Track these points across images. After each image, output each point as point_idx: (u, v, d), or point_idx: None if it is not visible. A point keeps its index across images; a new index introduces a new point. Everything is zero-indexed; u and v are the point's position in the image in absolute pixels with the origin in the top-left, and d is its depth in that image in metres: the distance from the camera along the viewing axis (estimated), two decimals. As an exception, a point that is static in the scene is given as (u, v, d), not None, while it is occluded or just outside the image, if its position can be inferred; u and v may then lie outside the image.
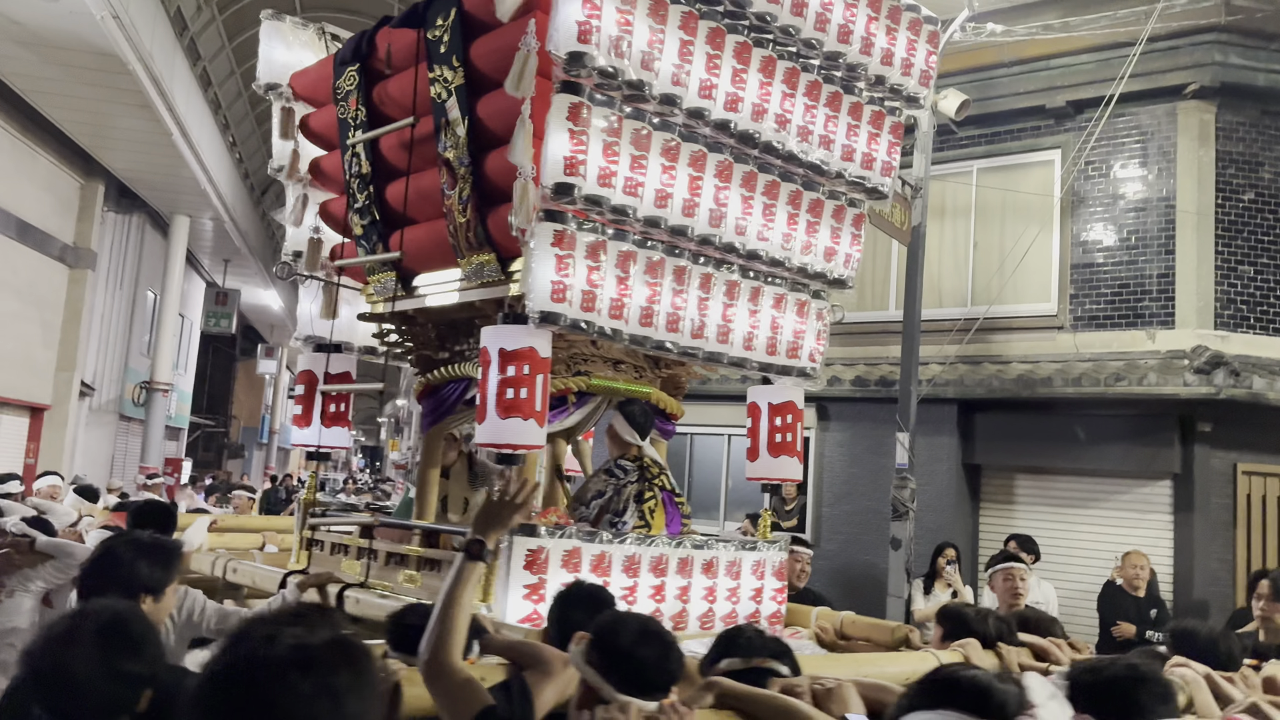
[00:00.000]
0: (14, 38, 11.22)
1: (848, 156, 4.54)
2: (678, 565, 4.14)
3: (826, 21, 4.26)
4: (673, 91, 3.85)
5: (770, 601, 4.52)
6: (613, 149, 3.73)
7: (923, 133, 10.69)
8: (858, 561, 11.82)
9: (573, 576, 3.83)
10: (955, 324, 11.50)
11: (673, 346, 4.15)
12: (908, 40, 4.61)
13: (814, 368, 4.78)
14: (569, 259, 3.74)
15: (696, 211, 4.07)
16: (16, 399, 14.51)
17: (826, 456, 12.24)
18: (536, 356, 3.78)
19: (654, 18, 3.74)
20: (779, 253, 4.43)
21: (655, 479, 4.39)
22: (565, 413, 4.37)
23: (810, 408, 12.10)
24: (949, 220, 12.27)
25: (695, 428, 12.81)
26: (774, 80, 4.19)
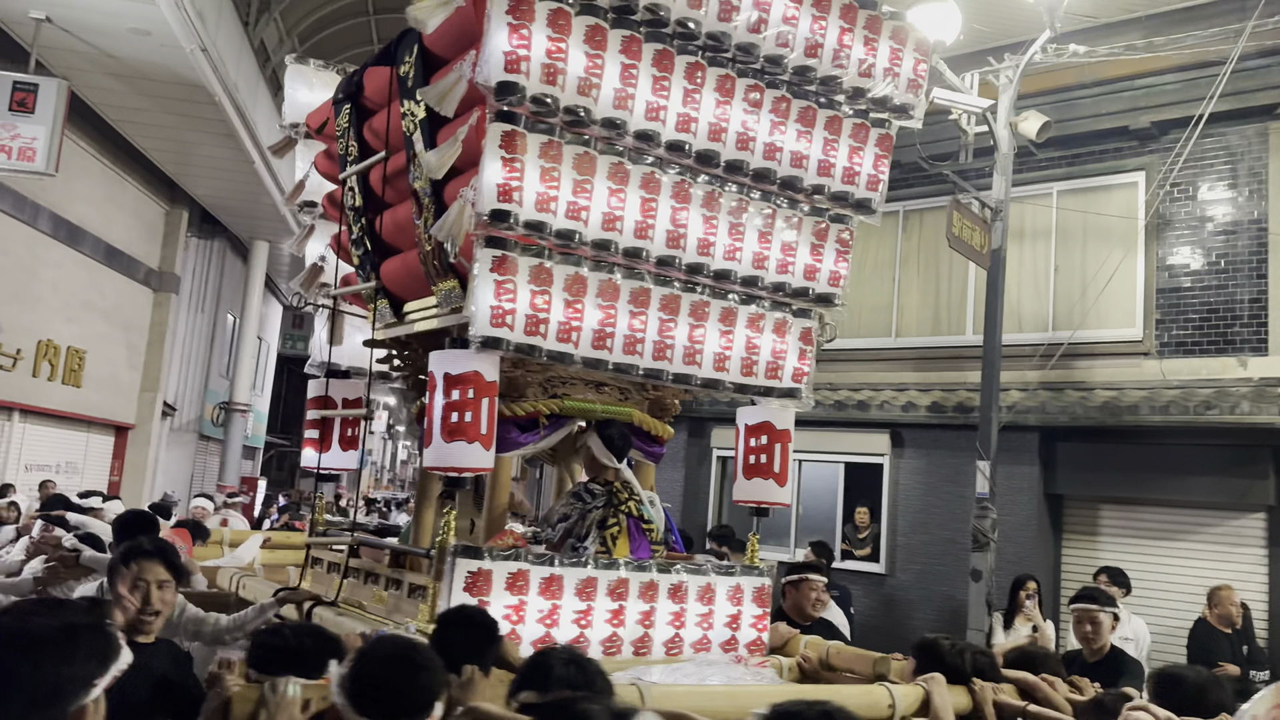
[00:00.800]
0: (107, 70, 11.87)
1: (825, 171, 4.41)
2: (640, 590, 4.04)
3: (790, 37, 4.16)
4: (616, 115, 3.82)
5: (749, 629, 4.35)
6: (551, 175, 3.71)
7: (1002, 155, 10.37)
8: (935, 593, 11.44)
9: (518, 599, 3.80)
10: (1036, 349, 11.10)
11: (634, 369, 4.09)
12: (890, 50, 4.46)
13: (798, 388, 4.60)
14: (509, 284, 3.73)
15: (651, 233, 4.01)
16: (104, 418, 15.22)
17: (901, 484, 11.89)
18: (481, 380, 3.77)
19: (590, 44, 3.72)
20: (751, 272, 4.33)
21: (622, 505, 4.31)
22: (537, 435, 4.34)
23: (884, 434, 11.85)
24: (1029, 243, 11.85)
25: None
26: (733, 99, 4.11)
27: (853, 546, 12.07)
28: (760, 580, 4.42)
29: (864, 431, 11.99)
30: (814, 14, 4.21)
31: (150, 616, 3.27)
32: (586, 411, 4.46)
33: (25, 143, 10.51)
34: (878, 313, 12.82)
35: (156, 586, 3.30)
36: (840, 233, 4.56)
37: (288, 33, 17.31)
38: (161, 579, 3.32)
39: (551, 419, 4.38)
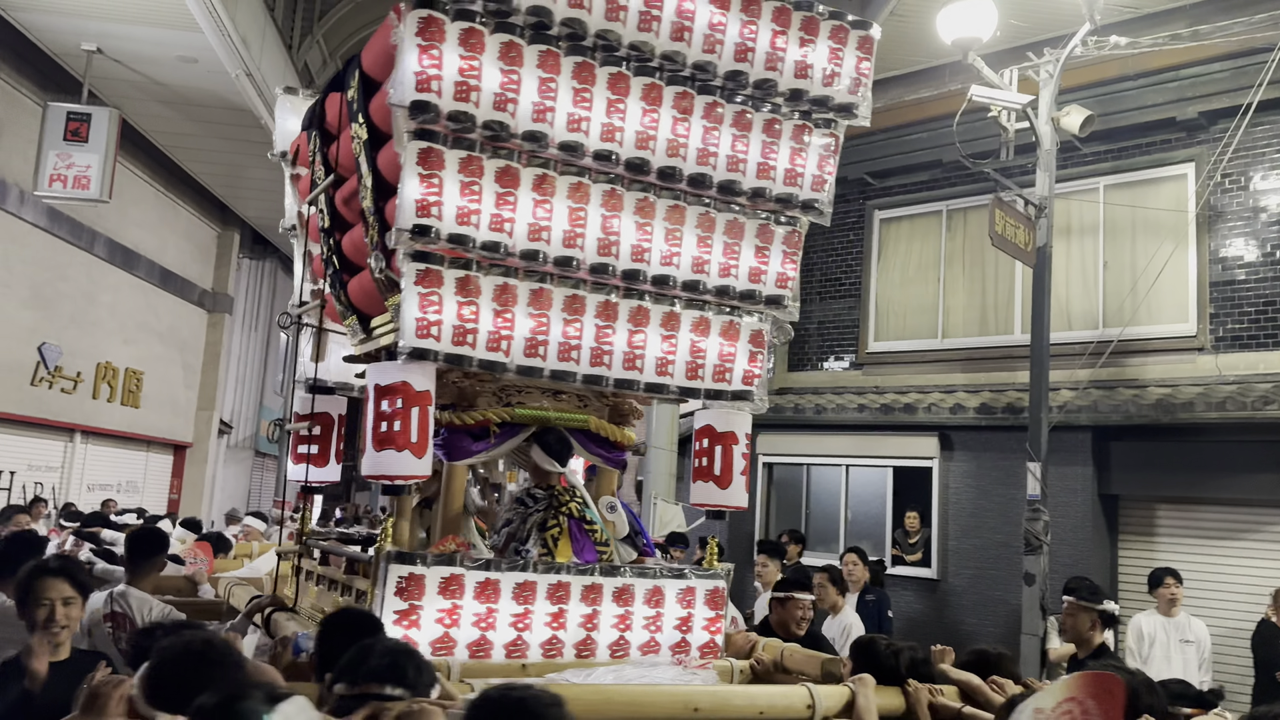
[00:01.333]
0: (157, 97, 12.41)
1: (764, 174, 4.37)
2: (582, 593, 4.07)
3: (718, 43, 4.15)
4: (536, 129, 3.87)
5: (701, 631, 4.33)
6: (471, 189, 3.79)
7: (1045, 150, 10.14)
8: (988, 598, 11.19)
9: (451, 603, 3.86)
10: (1086, 347, 10.80)
11: (571, 375, 4.13)
12: (829, 50, 4.40)
13: (749, 390, 4.57)
14: (434, 296, 3.82)
15: (582, 242, 4.05)
16: (162, 437, 15.78)
17: (951, 488, 11.66)
18: (411, 391, 3.86)
19: (505, 61, 3.79)
20: (691, 276, 4.32)
21: (563, 507, 4.34)
22: (488, 444, 4.40)
23: (932, 437, 11.65)
24: (1076, 240, 11.53)
25: (811, 458, 12.72)
26: (661, 107, 4.12)
27: (903, 551, 11.87)
28: (714, 583, 4.39)
29: (912, 435, 11.80)
30: (743, 19, 4.20)
31: (57, 631, 3.43)
32: (539, 419, 4.51)
33: (80, 171, 11.09)
34: (923, 314, 12.63)
35: (61, 603, 3.47)
36: (787, 235, 4.51)
37: (330, 54, 17.86)
38: (66, 595, 3.49)
39: (503, 427, 4.44)
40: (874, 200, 13.05)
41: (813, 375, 13.27)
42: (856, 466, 12.44)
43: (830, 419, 12.22)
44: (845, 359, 13.06)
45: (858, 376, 12.87)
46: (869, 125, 4.60)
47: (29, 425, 13.05)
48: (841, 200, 13.10)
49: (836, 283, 13.24)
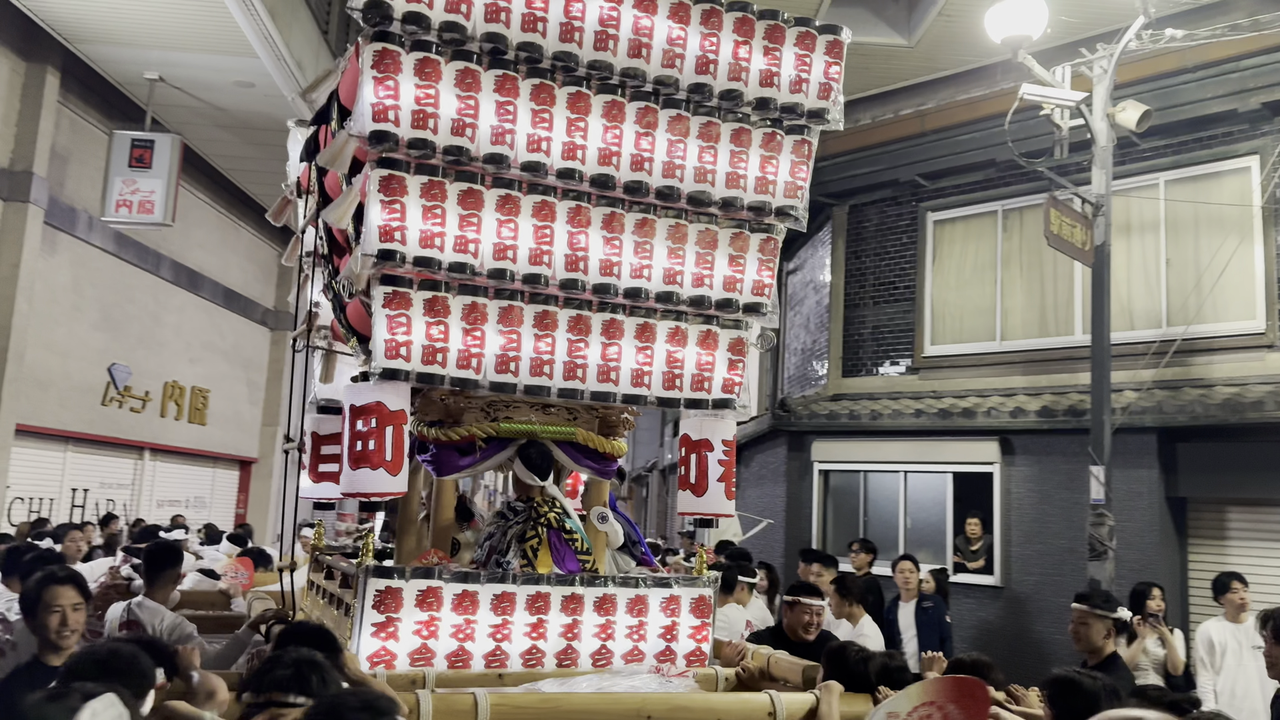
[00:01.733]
0: (217, 123, 12.89)
1: (734, 184, 4.40)
2: (562, 603, 4.14)
3: (678, 57, 4.21)
4: (497, 151, 3.98)
5: (687, 640, 4.34)
6: (434, 212, 3.92)
7: (1100, 147, 9.91)
8: (1053, 604, 10.91)
9: (429, 615, 3.97)
10: (1150, 347, 10.49)
11: (545, 390, 4.22)
12: (795, 57, 4.42)
13: (730, 398, 4.59)
14: (402, 318, 3.96)
15: (549, 259, 4.14)
16: (228, 453, 16.26)
17: (1013, 493, 11.40)
18: (384, 410, 4.01)
19: (462, 87, 3.92)
20: (664, 288, 4.37)
21: (541, 518, 4.42)
22: (474, 459, 4.51)
23: (993, 441, 11.42)
24: (1136, 237, 11.20)
25: (868, 465, 12.55)
26: (623, 123, 4.19)
27: (965, 559, 11.61)
28: (699, 591, 4.41)
29: (971, 440, 11.53)
30: (703, 31, 4.24)
31: (68, 634, 3.63)
32: (525, 432, 4.60)
33: (145, 196, 11.62)
34: (980, 316, 12.34)
35: (71, 609, 3.69)
36: (762, 243, 4.52)
37: None
38: (74, 602, 3.70)
39: (489, 442, 4.54)
40: (927, 202, 12.81)
41: (868, 381, 13.09)
42: (915, 473, 12.23)
43: (887, 425, 12.02)
44: (901, 363, 12.87)
45: (914, 381, 12.65)
46: (841, 129, 4.60)
47: (101, 444, 13.55)
48: (893, 203, 13.08)
49: (890, 287, 13.07)
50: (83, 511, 13.12)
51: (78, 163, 12.78)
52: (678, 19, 4.21)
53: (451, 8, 3.87)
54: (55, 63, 11.84)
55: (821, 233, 14.26)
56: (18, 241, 11.33)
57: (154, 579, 5.17)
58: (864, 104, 13.13)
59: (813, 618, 5.38)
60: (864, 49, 11.43)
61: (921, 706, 2.42)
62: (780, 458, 13.22)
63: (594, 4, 4.09)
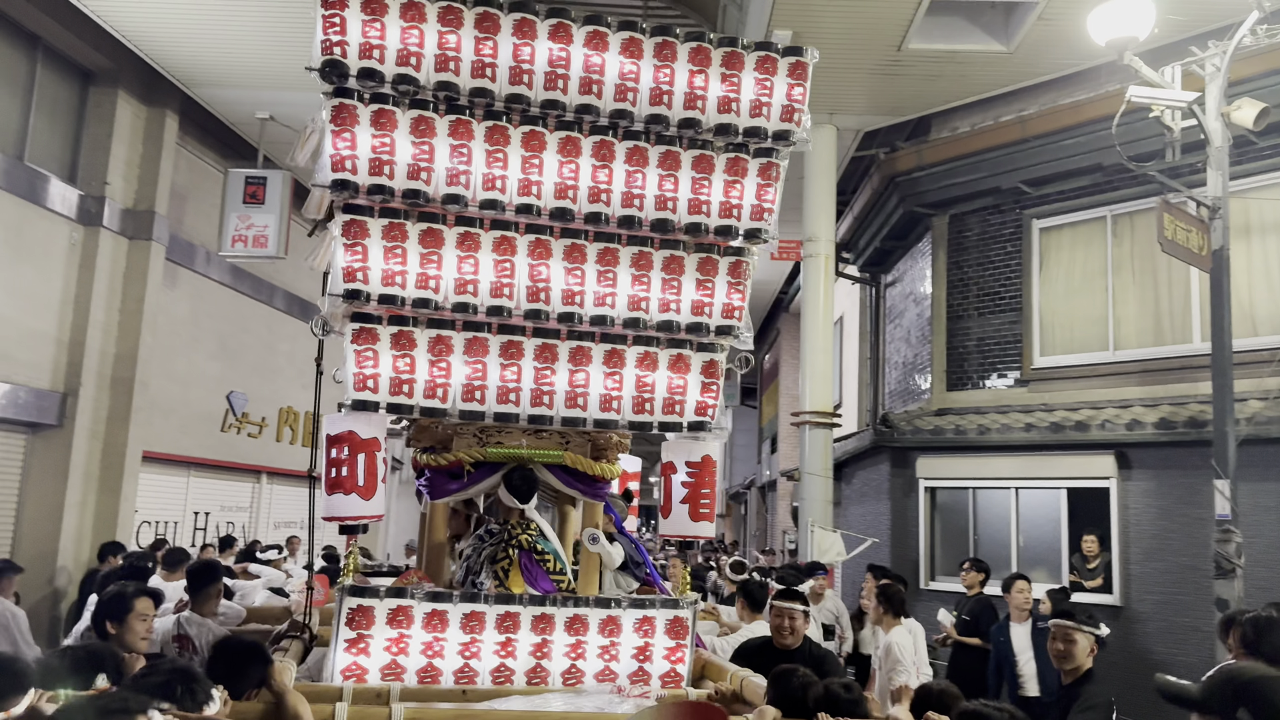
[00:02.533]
0: None
1: (696, 210, 4.50)
2: (532, 622, 4.31)
3: (631, 90, 4.34)
4: (453, 191, 4.23)
5: (661, 661, 4.41)
6: (394, 252, 4.19)
7: (1216, 148, 9.45)
8: (1176, 624, 10.40)
9: (398, 633, 4.22)
10: (1276, 354, 9.91)
11: (514, 417, 4.42)
12: (755, 81, 4.48)
13: (704, 421, 4.65)
14: (369, 352, 4.25)
15: (511, 290, 4.35)
16: None
17: (1131, 509, 10.86)
18: (356, 439, 4.31)
19: (416, 134, 4.18)
20: (629, 315, 4.49)
21: (513, 540, 4.59)
22: (463, 483, 4.76)
23: (1108, 456, 10.97)
24: (1258, 239, 10.54)
25: (976, 481, 12.16)
26: (580, 157, 4.35)
27: (1081, 577, 10.99)
28: (674, 613, 4.49)
29: (1086, 454, 11.00)
30: (656, 64, 4.37)
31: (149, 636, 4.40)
32: (513, 457, 4.80)
33: (259, 231, 12.40)
34: (1092, 325, 11.75)
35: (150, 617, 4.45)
36: (731, 266, 4.58)
37: None
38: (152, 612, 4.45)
39: (479, 467, 4.77)
40: (1031, 209, 12.34)
41: (974, 394, 12.68)
42: (1027, 489, 11.71)
43: (995, 440, 11.58)
44: (1009, 376, 12.41)
45: (1023, 394, 12.17)
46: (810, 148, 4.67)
47: (221, 469, 14.27)
48: (996, 211, 12.66)
49: (995, 297, 12.64)
50: (204, 534, 13.89)
51: (195, 200, 13.62)
52: (629, 54, 4.35)
53: (403, 61, 4.15)
54: (174, 106, 12.67)
55: (921, 244, 13.94)
56: (142, 277, 12.14)
57: (196, 594, 5.65)
58: (962, 111, 12.77)
59: (792, 622, 5.27)
60: (961, 57, 11.22)
61: None
62: (883, 475, 12.95)
63: (543, 46, 4.28)
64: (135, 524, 12.19)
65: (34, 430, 11.26)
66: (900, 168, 13.20)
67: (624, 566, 5.29)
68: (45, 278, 11.28)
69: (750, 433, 31.28)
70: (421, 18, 4.17)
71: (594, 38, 4.33)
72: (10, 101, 11.14)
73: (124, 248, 12.18)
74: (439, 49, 4.20)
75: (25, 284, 10.92)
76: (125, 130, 12.23)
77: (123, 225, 12.14)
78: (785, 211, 14.35)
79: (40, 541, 11.02)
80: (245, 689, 3.42)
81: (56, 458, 11.28)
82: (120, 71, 12.01)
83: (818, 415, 11.91)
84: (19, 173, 10.87)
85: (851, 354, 17.08)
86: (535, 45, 4.27)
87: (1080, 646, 4.72)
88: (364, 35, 4.14)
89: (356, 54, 4.14)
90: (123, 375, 12.03)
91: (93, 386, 11.66)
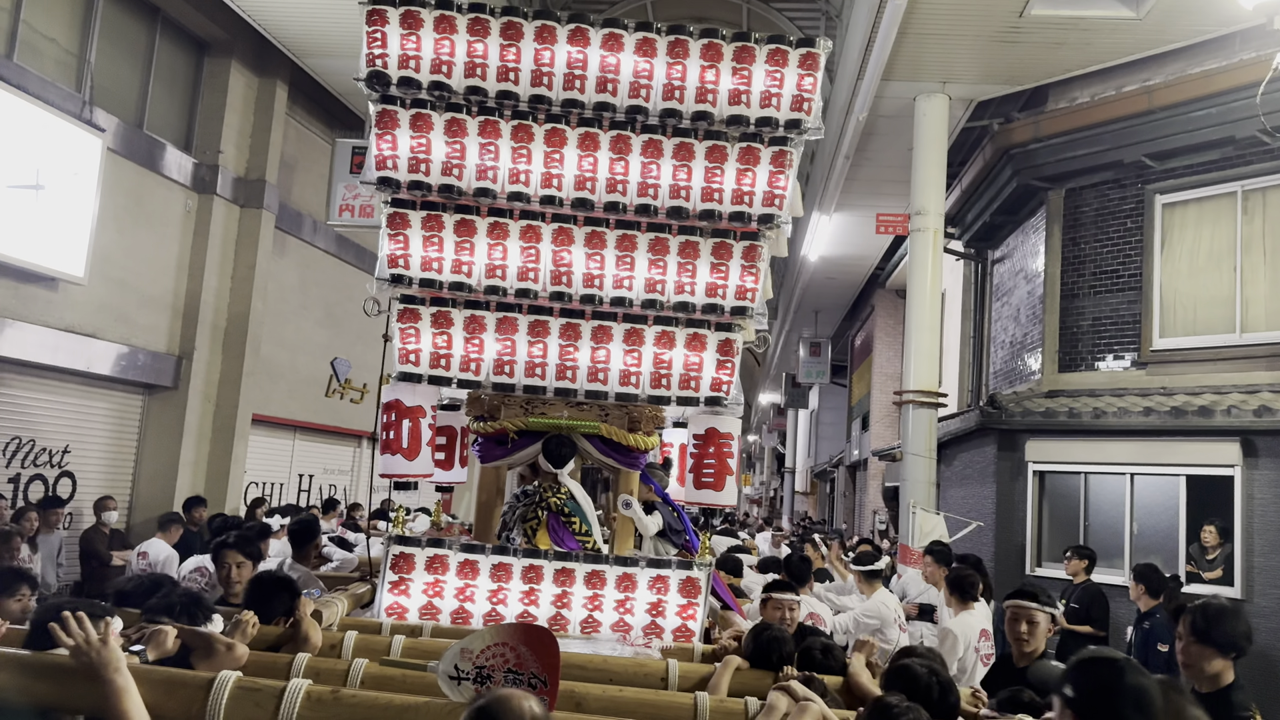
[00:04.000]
0: None
1: (709, 197, 4.98)
2: (554, 575, 4.98)
3: (644, 88, 4.87)
4: (482, 185, 4.87)
5: (674, 616, 4.93)
6: (431, 241, 4.91)
7: None
8: (1305, 622, 10.44)
9: (434, 578, 4.99)
10: None
11: (542, 389, 5.09)
12: (766, 73, 4.92)
13: (719, 396, 5.16)
14: (411, 330, 4.97)
15: (536, 274, 4.96)
16: None
17: (1257, 499, 10.63)
18: (402, 406, 5.06)
19: (449, 134, 4.81)
20: (646, 296, 5.04)
21: (543, 503, 5.21)
22: (508, 450, 5.50)
23: (1233, 442, 10.81)
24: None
25: (1090, 466, 12.21)
26: (598, 150, 4.90)
27: (1200, 568, 10.97)
28: (688, 574, 5.10)
29: (1208, 440, 10.92)
30: (669, 61, 4.86)
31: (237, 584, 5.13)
32: (555, 426, 5.46)
33: (365, 200, 13.39)
34: (1217, 306, 11.59)
35: (236, 566, 5.21)
36: (745, 250, 5.03)
37: None
38: (239, 561, 5.20)
39: (521, 434, 5.45)
40: (1154, 184, 12.14)
41: (1088, 376, 12.59)
42: (1143, 475, 11.67)
43: (1111, 423, 11.56)
44: (1125, 357, 12.30)
45: (1141, 376, 12.06)
46: (822, 136, 5.22)
47: (325, 433, 15.33)
48: (1116, 185, 12.52)
49: (1113, 275, 12.50)
50: (308, 496, 14.98)
51: (303, 171, 14.45)
52: (643, 53, 4.86)
53: (436, 69, 4.81)
54: (284, 77, 13.50)
55: (1034, 219, 13.79)
56: (253, 245, 13.04)
57: (298, 548, 6.71)
58: (1081, 81, 12.60)
59: (785, 613, 5.72)
60: (1086, 23, 11.12)
61: (494, 646, 3.02)
62: (988, 457, 12.95)
63: (561, 50, 4.85)
64: (244, 484, 13.21)
65: (150, 391, 12.21)
66: (1015, 139, 13.10)
67: (662, 534, 6.00)
68: (162, 243, 12.12)
69: (838, 410, 31.04)
70: (453, 29, 4.80)
71: (610, 40, 4.85)
72: (131, 71, 11.96)
73: (236, 215, 13.07)
74: (468, 57, 4.83)
75: (144, 249, 11.77)
76: (238, 100, 13.10)
77: (235, 193, 13.01)
78: (889, 184, 14.84)
79: (156, 499, 11.98)
80: (274, 615, 4.16)
81: (172, 418, 12.26)
82: (234, 42, 12.84)
83: (922, 394, 12.05)
84: (138, 140, 11.71)
85: (953, 332, 16.99)
86: (555, 49, 4.84)
87: (1041, 628, 5.07)
88: (402, 48, 4.81)
89: (396, 65, 4.81)
90: (234, 340, 12.93)
91: (206, 350, 12.58)
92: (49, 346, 10.48)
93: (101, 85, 11.34)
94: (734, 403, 5.26)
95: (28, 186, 9.87)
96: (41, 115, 10.02)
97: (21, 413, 10.62)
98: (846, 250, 19.84)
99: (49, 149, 10.08)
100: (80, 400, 11.37)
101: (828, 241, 19.12)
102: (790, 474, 39.46)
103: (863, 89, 12.48)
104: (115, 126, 11.27)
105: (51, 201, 10.12)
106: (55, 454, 11.09)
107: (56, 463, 11.09)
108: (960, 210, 15.75)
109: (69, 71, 10.98)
